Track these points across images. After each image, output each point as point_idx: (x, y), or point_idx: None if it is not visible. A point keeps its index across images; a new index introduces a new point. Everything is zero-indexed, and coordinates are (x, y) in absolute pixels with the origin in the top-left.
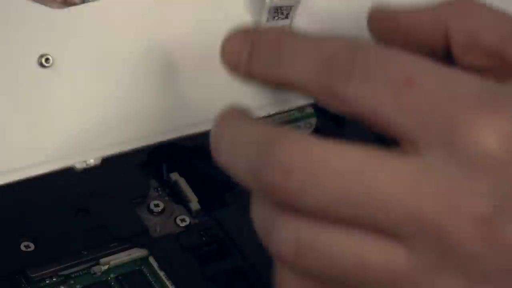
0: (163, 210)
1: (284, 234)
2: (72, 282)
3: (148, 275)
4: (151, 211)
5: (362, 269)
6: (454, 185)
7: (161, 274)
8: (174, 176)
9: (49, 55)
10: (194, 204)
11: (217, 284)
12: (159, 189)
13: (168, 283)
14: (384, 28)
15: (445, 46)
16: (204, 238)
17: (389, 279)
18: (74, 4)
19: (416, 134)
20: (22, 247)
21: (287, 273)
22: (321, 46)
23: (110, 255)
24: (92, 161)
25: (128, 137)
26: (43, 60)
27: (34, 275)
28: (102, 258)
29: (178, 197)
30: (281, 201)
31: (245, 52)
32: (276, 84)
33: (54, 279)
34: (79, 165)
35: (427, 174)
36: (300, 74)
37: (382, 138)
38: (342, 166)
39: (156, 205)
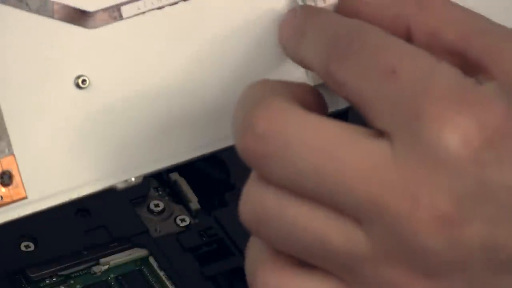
0: (163, 210)
1: (250, 201)
2: (72, 282)
3: (148, 275)
4: (151, 211)
5: (322, 246)
6: (415, 178)
7: (161, 274)
8: (174, 176)
9: (85, 76)
10: (194, 204)
11: (217, 284)
12: (159, 189)
13: (168, 283)
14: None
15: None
16: (204, 238)
17: (348, 260)
18: (110, 22)
19: (389, 122)
20: (22, 247)
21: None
22: (328, 27)
23: (110, 255)
24: (133, 180)
25: (167, 153)
26: (79, 81)
27: (34, 275)
28: (102, 258)
29: (178, 197)
30: (251, 165)
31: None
32: (301, 65)
33: (54, 279)
34: (121, 185)
35: (393, 163)
36: (309, 53)
37: None
38: (315, 142)
39: (156, 205)
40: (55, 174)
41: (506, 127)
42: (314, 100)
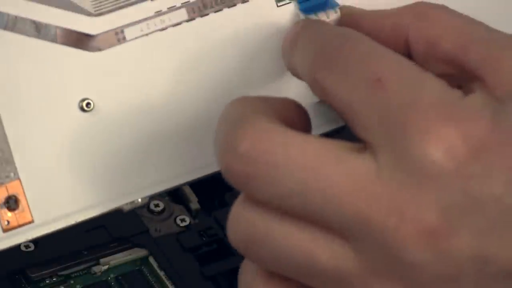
0: (163, 210)
1: (238, 222)
2: (72, 282)
3: (148, 275)
4: (151, 211)
5: (311, 265)
6: (400, 192)
7: (161, 274)
8: None
9: (89, 99)
10: (194, 204)
11: (217, 284)
12: None
13: (168, 283)
14: None
15: (408, 53)
16: (204, 238)
17: (337, 278)
18: (113, 45)
19: (374, 135)
20: (22, 247)
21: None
22: (317, 36)
23: (110, 255)
24: (139, 201)
25: (173, 173)
26: (84, 105)
27: (34, 275)
28: (102, 258)
29: (178, 197)
30: (236, 187)
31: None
32: (295, 75)
33: (54, 279)
34: (127, 207)
35: (377, 177)
36: (298, 61)
37: None
38: (299, 161)
39: (156, 205)
40: (61, 197)
41: (491, 139)
42: (297, 115)
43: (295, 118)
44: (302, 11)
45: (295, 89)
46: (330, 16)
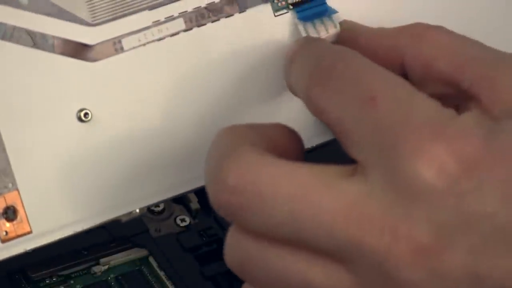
0: (163, 210)
1: (232, 248)
2: (72, 282)
3: (148, 275)
4: (151, 211)
5: None
6: (391, 211)
7: (161, 274)
8: None
9: (87, 109)
10: (194, 204)
11: (217, 284)
12: None
13: (168, 283)
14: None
15: (404, 73)
16: (204, 238)
17: None
18: (111, 55)
19: (365, 153)
20: None
21: None
22: (313, 53)
23: (110, 255)
24: (137, 211)
25: (171, 184)
26: (82, 115)
27: (34, 275)
28: (102, 258)
29: (178, 197)
30: (227, 217)
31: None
32: (292, 92)
33: (54, 279)
34: (125, 218)
35: (368, 198)
36: (294, 78)
37: None
38: (288, 189)
39: (156, 205)
40: (59, 207)
41: (483, 156)
42: (288, 140)
43: (286, 143)
44: (300, 20)
45: (293, 101)
46: (329, 30)
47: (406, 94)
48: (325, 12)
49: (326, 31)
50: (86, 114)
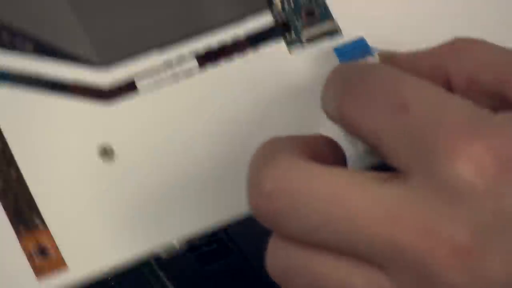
0: None
1: (274, 257)
2: None
3: (148, 275)
4: None
5: None
6: (432, 214)
7: (161, 274)
8: None
9: (110, 146)
10: None
11: (217, 284)
12: None
13: (168, 283)
14: None
15: (449, 88)
16: (204, 238)
17: None
18: (126, 98)
19: (403, 159)
20: None
21: None
22: (342, 72)
23: None
24: (175, 243)
25: (202, 218)
26: (104, 152)
27: None
28: None
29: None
30: (266, 225)
31: None
32: (331, 119)
33: None
34: (164, 255)
35: (408, 201)
36: (327, 103)
37: None
38: (325, 193)
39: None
40: (87, 250)
41: None
42: (328, 149)
43: (327, 153)
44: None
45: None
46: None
47: (437, 96)
48: (367, 50)
49: None
50: (108, 151)
